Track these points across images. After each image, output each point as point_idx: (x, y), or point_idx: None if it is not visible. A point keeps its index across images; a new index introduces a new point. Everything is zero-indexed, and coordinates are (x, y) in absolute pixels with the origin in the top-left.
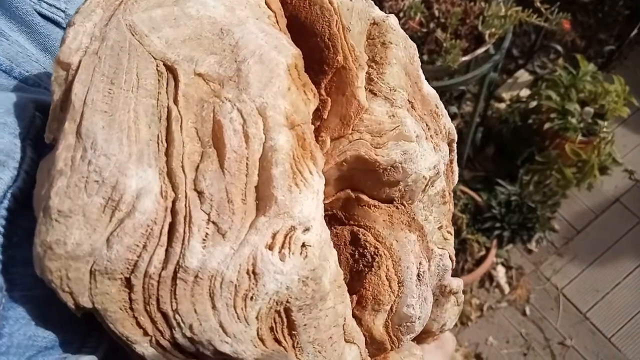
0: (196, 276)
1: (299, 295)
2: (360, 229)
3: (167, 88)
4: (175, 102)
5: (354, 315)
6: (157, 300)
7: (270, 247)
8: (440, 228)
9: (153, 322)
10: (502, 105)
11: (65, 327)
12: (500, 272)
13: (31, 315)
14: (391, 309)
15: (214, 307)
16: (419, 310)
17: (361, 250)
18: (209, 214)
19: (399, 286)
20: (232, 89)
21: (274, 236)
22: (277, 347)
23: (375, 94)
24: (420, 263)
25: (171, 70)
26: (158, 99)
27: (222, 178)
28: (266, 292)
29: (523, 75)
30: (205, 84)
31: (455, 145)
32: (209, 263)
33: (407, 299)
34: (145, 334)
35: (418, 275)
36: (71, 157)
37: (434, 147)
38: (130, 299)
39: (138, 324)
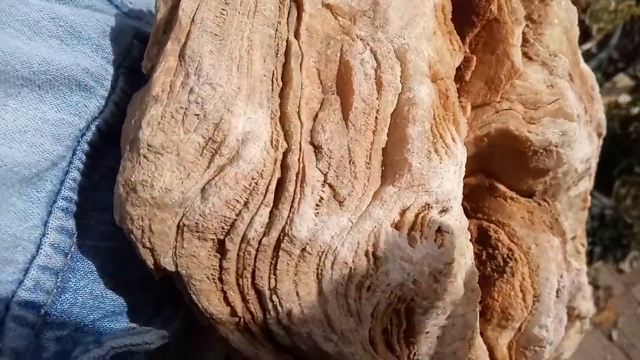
0: (303, 249)
1: (428, 293)
2: (491, 225)
3: (288, 18)
4: (297, 35)
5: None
6: (253, 274)
7: (398, 227)
8: (574, 239)
9: (244, 299)
10: None
11: (137, 290)
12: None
13: (102, 271)
14: (519, 327)
15: (320, 292)
16: (552, 334)
17: (491, 251)
18: (325, 174)
19: (533, 301)
20: (366, 26)
21: (403, 213)
22: (389, 356)
23: (530, 58)
24: (561, 276)
25: None
26: (277, 30)
27: (345, 132)
28: (388, 283)
29: (623, 80)
30: (334, 18)
31: (600, 142)
32: (321, 235)
33: (541, 318)
34: (233, 313)
35: (557, 291)
36: (170, 82)
37: (589, 136)
38: (221, 267)
39: (226, 299)
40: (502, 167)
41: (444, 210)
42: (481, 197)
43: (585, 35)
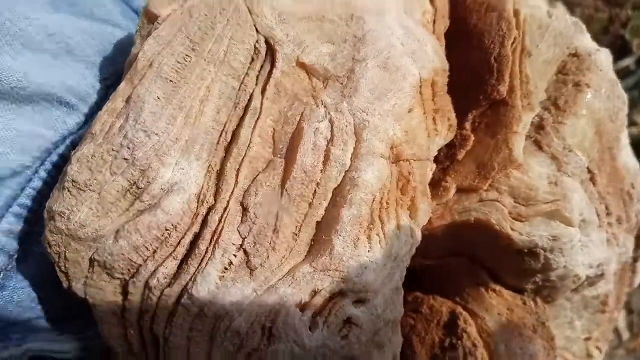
0: (201, 309)
1: None
2: (463, 313)
3: (259, 72)
4: (263, 91)
5: None
6: (152, 319)
7: (304, 308)
8: (587, 340)
9: (143, 341)
10: (635, 131)
11: (74, 302)
12: (620, 316)
13: (43, 277)
14: None
15: (209, 354)
16: None
17: (454, 341)
18: (244, 239)
19: None
20: (335, 92)
21: (313, 295)
22: None
23: (540, 148)
24: None
25: (272, 50)
26: (243, 82)
27: (278, 200)
28: None
29: None
30: (307, 78)
31: None
32: (221, 300)
33: None
34: (131, 351)
35: None
36: (111, 123)
37: (609, 240)
38: (123, 306)
39: (126, 337)
40: (487, 257)
41: (359, 302)
42: (462, 280)
43: (624, 51)
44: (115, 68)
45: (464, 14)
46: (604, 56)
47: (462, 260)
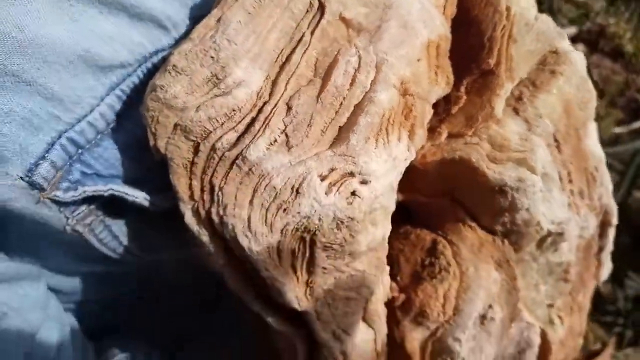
0: (250, 169)
1: (328, 233)
2: (443, 241)
3: (311, 19)
4: (312, 32)
5: (395, 318)
6: (213, 173)
7: (323, 178)
8: (550, 306)
9: (202, 189)
10: None
11: (151, 170)
12: None
13: (129, 146)
14: (436, 331)
15: (251, 201)
16: (465, 352)
17: (433, 260)
18: (286, 126)
19: (453, 312)
20: (365, 39)
21: (331, 171)
22: (289, 272)
23: (517, 113)
24: (490, 306)
25: (322, 6)
26: (298, 24)
27: (314, 104)
28: (298, 212)
29: None
30: (345, 28)
31: (611, 231)
32: (265, 163)
33: (456, 331)
34: (191, 197)
35: (482, 317)
36: (204, 33)
37: (570, 205)
38: (192, 161)
39: (190, 186)
40: (466, 196)
41: (363, 182)
42: (446, 218)
43: (638, 113)
44: (201, 12)
45: (468, 5)
46: (578, 56)
47: (446, 201)
